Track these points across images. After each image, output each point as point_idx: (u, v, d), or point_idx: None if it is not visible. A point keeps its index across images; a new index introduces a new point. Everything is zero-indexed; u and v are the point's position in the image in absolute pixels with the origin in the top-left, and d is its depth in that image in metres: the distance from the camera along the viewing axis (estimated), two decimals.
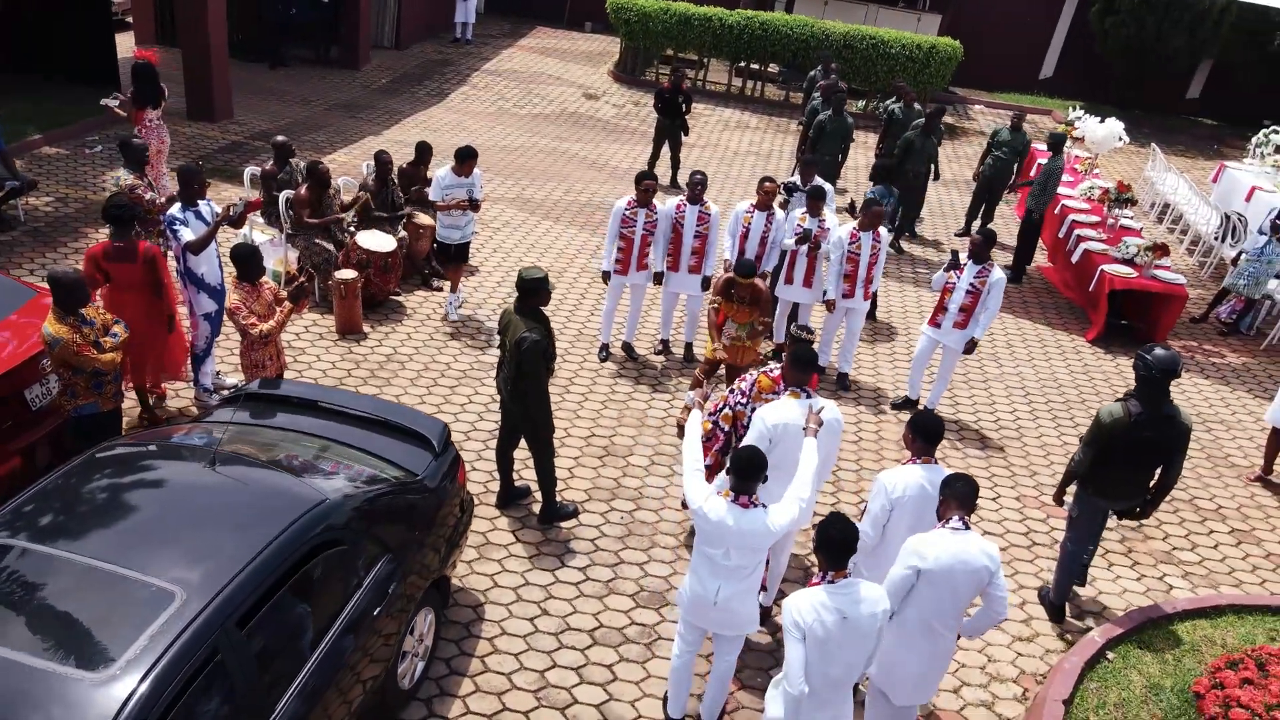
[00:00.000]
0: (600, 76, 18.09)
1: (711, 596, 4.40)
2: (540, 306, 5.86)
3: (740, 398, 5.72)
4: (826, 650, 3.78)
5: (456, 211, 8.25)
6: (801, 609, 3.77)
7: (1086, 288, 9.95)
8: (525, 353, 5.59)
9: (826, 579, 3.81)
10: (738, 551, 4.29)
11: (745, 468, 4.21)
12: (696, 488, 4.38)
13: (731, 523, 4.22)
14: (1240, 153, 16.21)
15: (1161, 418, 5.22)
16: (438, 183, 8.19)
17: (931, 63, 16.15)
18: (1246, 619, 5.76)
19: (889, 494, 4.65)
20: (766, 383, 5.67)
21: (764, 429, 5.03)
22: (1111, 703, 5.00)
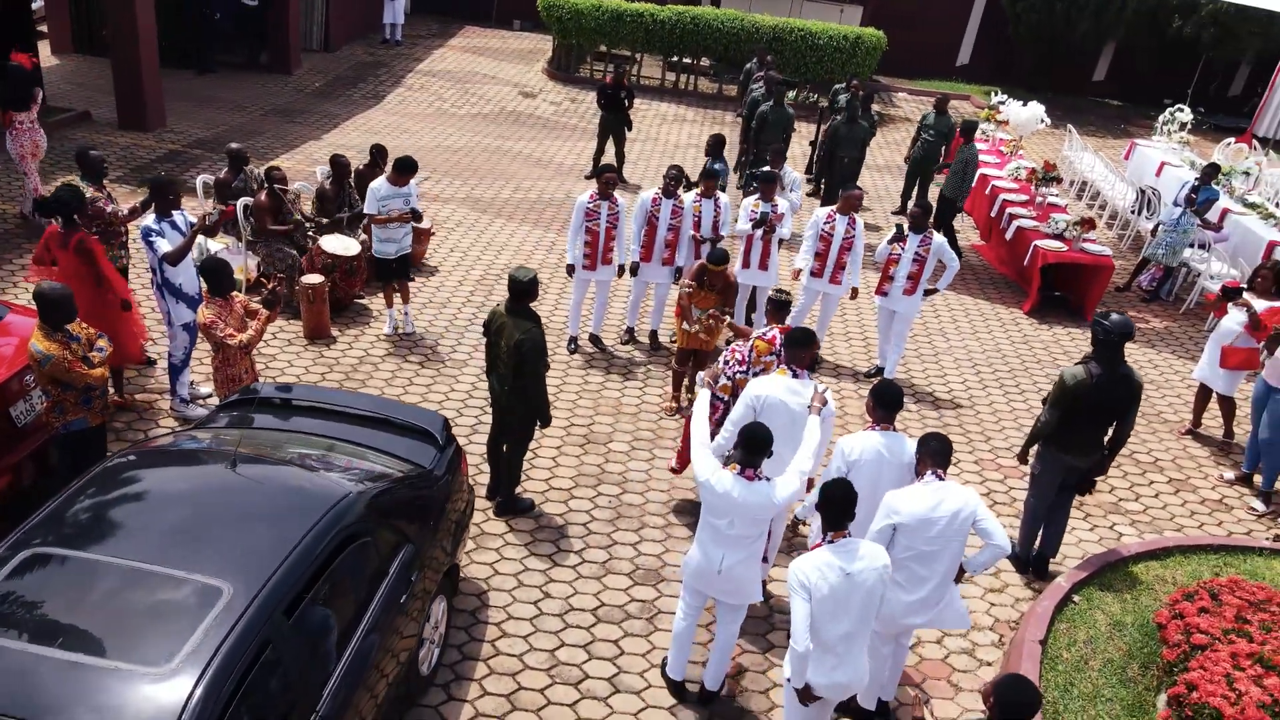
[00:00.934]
0: (534, 74, 18.18)
1: (716, 565, 4.64)
2: (531, 305, 6.03)
3: (739, 366, 5.99)
4: (833, 608, 4.04)
5: (393, 223, 7.93)
6: (806, 570, 4.04)
7: (1021, 263, 10.52)
8: (527, 353, 5.75)
9: (827, 539, 4.09)
10: (742, 522, 4.54)
11: (752, 443, 4.47)
12: (705, 462, 4.62)
13: (737, 495, 4.47)
14: (1145, 131, 17.18)
15: (1119, 377, 5.68)
16: (373, 194, 7.87)
17: (857, 53, 16.70)
18: (1192, 558, 6.27)
19: (845, 457, 4.92)
20: (763, 346, 5.95)
21: (750, 400, 5.31)
22: (1081, 640, 5.43)
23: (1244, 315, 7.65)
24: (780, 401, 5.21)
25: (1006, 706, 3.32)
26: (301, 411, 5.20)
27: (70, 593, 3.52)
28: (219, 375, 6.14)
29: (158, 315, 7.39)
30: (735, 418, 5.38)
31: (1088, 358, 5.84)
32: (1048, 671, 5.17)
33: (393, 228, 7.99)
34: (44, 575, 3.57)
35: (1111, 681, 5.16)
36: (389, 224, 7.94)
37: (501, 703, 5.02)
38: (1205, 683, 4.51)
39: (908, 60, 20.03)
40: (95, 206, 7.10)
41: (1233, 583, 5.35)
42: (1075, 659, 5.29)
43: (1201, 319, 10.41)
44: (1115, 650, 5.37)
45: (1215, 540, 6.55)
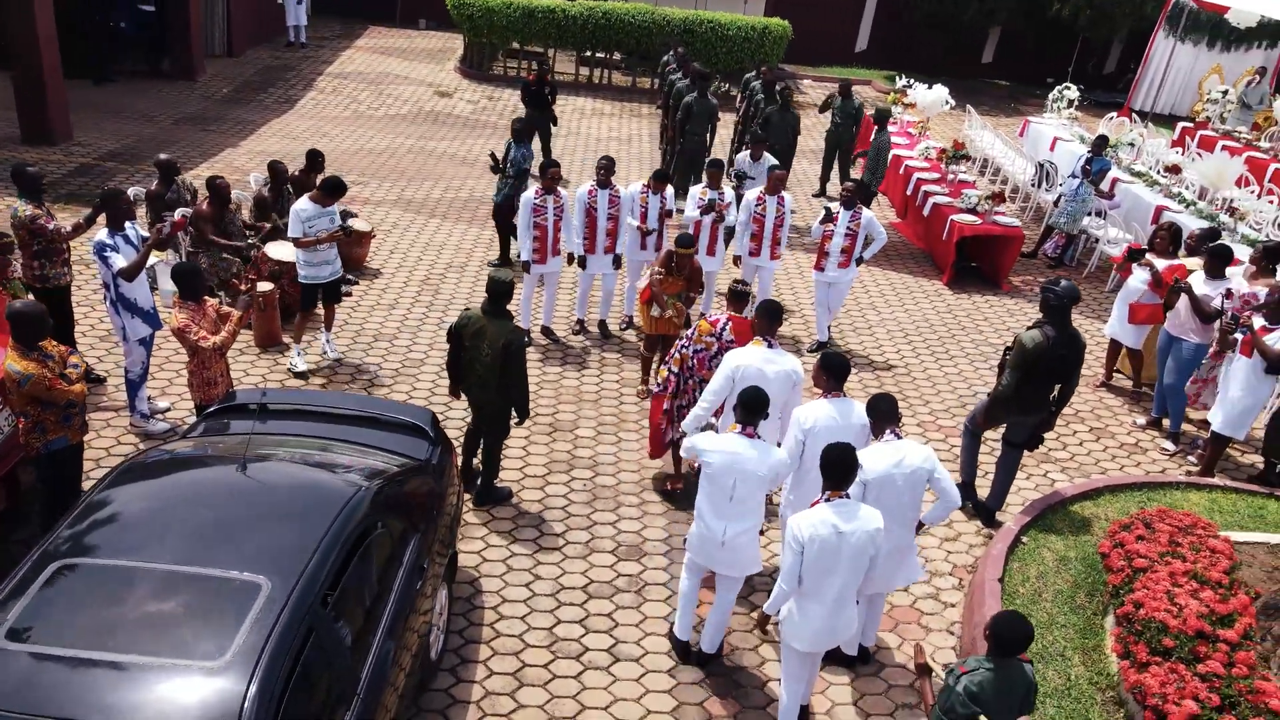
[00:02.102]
0: (447, 73, 18.12)
1: (719, 536, 4.92)
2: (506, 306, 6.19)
3: (685, 343, 6.38)
4: (826, 561, 4.36)
5: (322, 245, 7.60)
6: (802, 525, 4.36)
7: (938, 237, 11.15)
8: (515, 352, 5.94)
9: (825, 498, 4.43)
10: (744, 483, 4.84)
11: (751, 403, 4.81)
12: (703, 438, 4.94)
13: (742, 450, 4.79)
14: (1034, 109, 18.26)
15: (1069, 338, 6.20)
16: (297, 216, 7.48)
17: (765, 42, 17.23)
18: (1119, 496, 6.89)
19: (802, 426, 5.25)
20: (705, 326, 6.33)
21: (729, 370, 5.64)
22: (1033, 576, 5.95)
23: (1147, 274, 8.37)
24: (758, 370, 5.54)
25: (1003, 640, 3.71)
26: (292, 415, 5.27)
27: (111, 599, 3.58)
28: (195, 380, 6.13)
29: (109, 330, 7.26)
30: (714, 388, 5.71)
31: (1040, 322, 6.33)
32: (1007, 605, 5.65)
33: (322, 249, 7.62)
34: (81, 584, 3.63)
35: (1064, 610, 5.68)
36: (317, 246, 7.55)
37: (509, 680, 5.22)
38: (1150, 600, 5.05)
39: (808, 48, 20.71)
40: (36, 224, 6.93)
41: (1161, 513, 5.95)
42: (1030, 593, 5.79)
43: (1103, 281, 11.24)
44: (1064, 582, 5.90)
45: (1137, 479, 7.19)
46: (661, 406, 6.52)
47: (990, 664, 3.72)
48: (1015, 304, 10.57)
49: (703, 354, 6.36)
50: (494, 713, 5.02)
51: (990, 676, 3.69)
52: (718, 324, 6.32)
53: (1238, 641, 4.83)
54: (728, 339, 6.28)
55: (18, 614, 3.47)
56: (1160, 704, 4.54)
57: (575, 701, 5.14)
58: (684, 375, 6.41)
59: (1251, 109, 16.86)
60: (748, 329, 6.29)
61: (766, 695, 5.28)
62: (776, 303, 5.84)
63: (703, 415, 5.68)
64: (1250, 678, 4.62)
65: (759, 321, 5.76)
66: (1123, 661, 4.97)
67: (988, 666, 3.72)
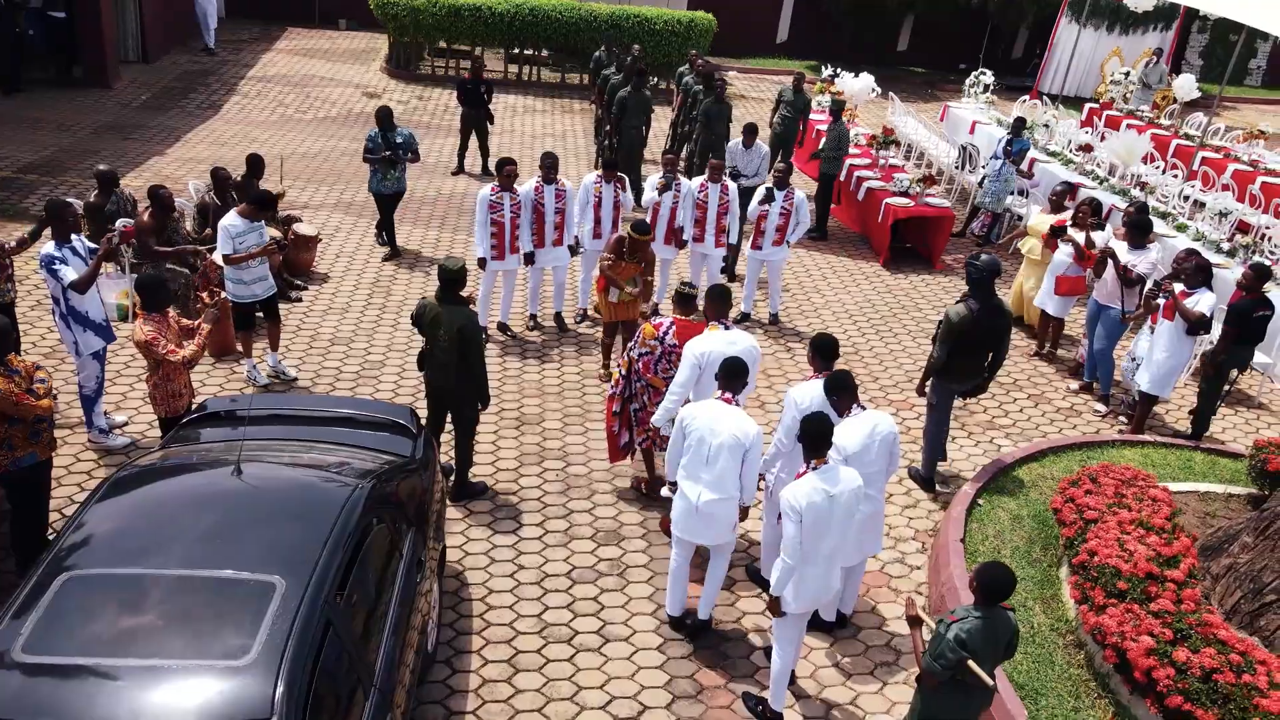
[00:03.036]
0: (373, 74, 17.90)
1: (694, 502, 5.13)
2: (460, 293, 6.29)
3: (632, 345, 6.54)
4: (819, 527, 4.62)
5: (254, 262, 7.36)
6: (798, 495, 4.60)
7: (874, 220, 11.55)
8: (470, 336, 6.02)
9: (811, 466, 4.67)
10: (721, 448, 5.03)
11: (731, 372, 5.08)
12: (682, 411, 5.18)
13: (721, 412, 5.05)
14: (950, 94, 18.94)
15: (993, 309, 6.56)
16: (226, 232, 7.21)
17: (691, 35, 17.48)
18: (1061, 457, 7.31)
19: (798, 406, 5.50)
20: (649, 330, 6.48)
21: (694, 359, 5.81)
22: (991, 534, 6.30)
23: (1071, 248, 8.87)
24: (721, 353, 5.73)
25: (989, 589, 3.99)
26: (275, 419, 5.27)
27: (126, 606, 3.59)
28: (158, 393, 6.05)
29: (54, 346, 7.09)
30: (681, 379, 5.88)
31: (965, 296, 6.70)
32: (970, 563, 5.98)
33: (254, 266, 7.38)
34: (93, 594, 3.62)
35: (1022, 564, 6.04)
36: (249, 262, 7.33)
37: (504, 668, 5.34)
38: (1102, 548, 5.43)
39: (731, 40, 21.03)
40: None
41: (1104, 468, 6.36)
42: (989, 550, 6.14)
43: None
44: (1019, 539, 6.28)
45: (1076, 440, 7.64)
46: (612, 409, 6.60)
47: (978, 613, 4.00)
48: (950, 281, 11.03)
49: (647, 357, 6.44)
50: (493, 699, 5.14)
51: (978, 624, 3.96)
52: (661, 327, 6.41)
53: (1183, 580, 5.24)
54: (671, 343, 6.38)
55: (33, 627, 3.46)
56: (1120, 641, 4.90)
57: (571, 683, 5.28)
58: (632, 378, 6.52)
59: (1151, 88, 17.82)
60: (692, 332, 6.45)
61: (753, 664, 5.51)
62: (723, 286, 6.08)
63: (673, 407, 5.85)
64: (1198, 612, 5.02)
65: (710, 305, 5.98)
66: (1081, 606, 5.33)
67: (976, 615, 3.99)
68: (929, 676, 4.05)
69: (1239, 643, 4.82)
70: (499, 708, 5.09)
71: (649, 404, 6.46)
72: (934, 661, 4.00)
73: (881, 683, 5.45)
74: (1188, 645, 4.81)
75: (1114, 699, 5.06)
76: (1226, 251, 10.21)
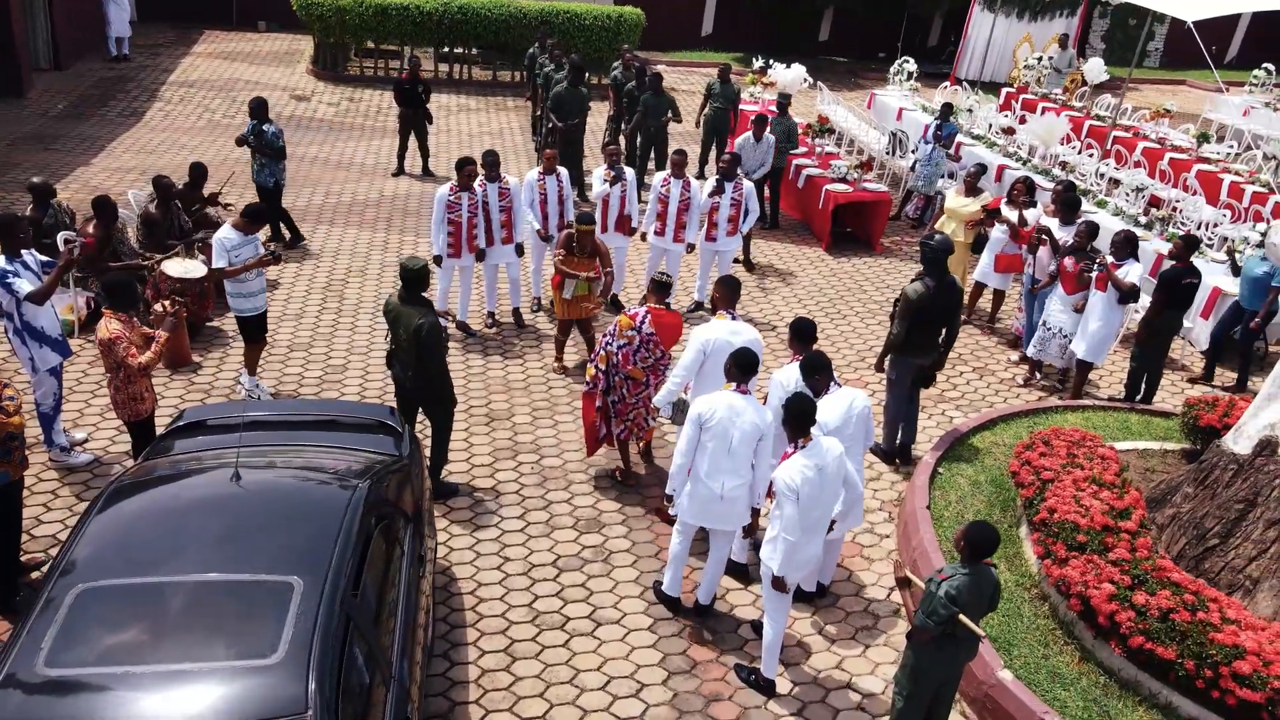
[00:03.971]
0: (300, 76, 17.58)
1: (719, 491, 5.28)
2: (423, 293, 6.30)
3: (609, 339, 6.66)
4: (809, 501, 4.83)
5: (251, 274, 7.29)
6: (791, 474, 4.79)
7: (814, 207, 11.88)
8: (426, 336, 6.04)
9: (799, 446, 4.87)
10: (741, 438, 5.20)
11: (744, 363, 5.24)
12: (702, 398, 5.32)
13: (739, 404, 5.19)
14: (873, 82, 19.48)
15: (947, 286, 6.89)
16: (221, 245, 7.17)
17: (621, 30, 17.62)
18: (1011, 424, 7.70)
19: (784, 388, 5.70)
20: (625, 321, 6.62)
21: (699, 345, 5.99)
22: (953, 500, 6.63)
23: (1006, 226, 9.31)
24: (725, 342, 5.92)
25: (976, 547, 4.25)
26: (263, 425, 5.26)
27: (146, 614, 3.60)
28: (119, 396, 6.03)
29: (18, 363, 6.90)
30: (685, 362, 6.06)
31: (920, 274, 7.01)
32: (937, 529, 6.30)
33: (251, 278, 7.33)
34: (110, 605, 3.62)
35: None
36: (247, 274, 7.27)
37: (501, 657, 5.44)
38: (1061, 505, 5.79)
39: (657, 34, 21.22)
40: None
41: (1054, 432, 6.75)
42: (953, 516, 6.47)
43: None
44: (979, 502, 6.62)
45: (1022, 408, 8.04)
46: (594, 405, 6.72)
47: (965, 569, 4.26)
48: (890, 263, 11.43)
49: (626, 349, 6.56)
50: (494, 688, 5.24)
51: (966, 580, 4.23)
52: (637, 317, 6.55)
53: (1136, 531, 5.63)
54: (647, 331, 6.53)
55: (52, 642, 3.45)
56: (1084, 590, 5.25)
57: (568, 667, 5.41)
58: (611, 372, 6.63)
59: (1061, 73, 18.63)
60: (666, 320, 6.63)
61: (740, 637, 5.72)
62: (733, 278, 6.25)
63: (675, 389, 6.03)
64: (1151, 558, 5.40)
65: (720, 295, 6.16)
66: (1045, 561, 5.68)
67: (963, 572, 4.26)
68: (922, 632, 4.31)
69: (1191, 584, 5.22)
70: (501, 695, 5.19)
71: (627, 396, 6.60)
72: (927, 618, 4.25)
73: (864, 646, 5.72)
74: (1145, 589, 5.18)
75: (1079, 644, 5.41)
76: (1144, 225, 10.81)
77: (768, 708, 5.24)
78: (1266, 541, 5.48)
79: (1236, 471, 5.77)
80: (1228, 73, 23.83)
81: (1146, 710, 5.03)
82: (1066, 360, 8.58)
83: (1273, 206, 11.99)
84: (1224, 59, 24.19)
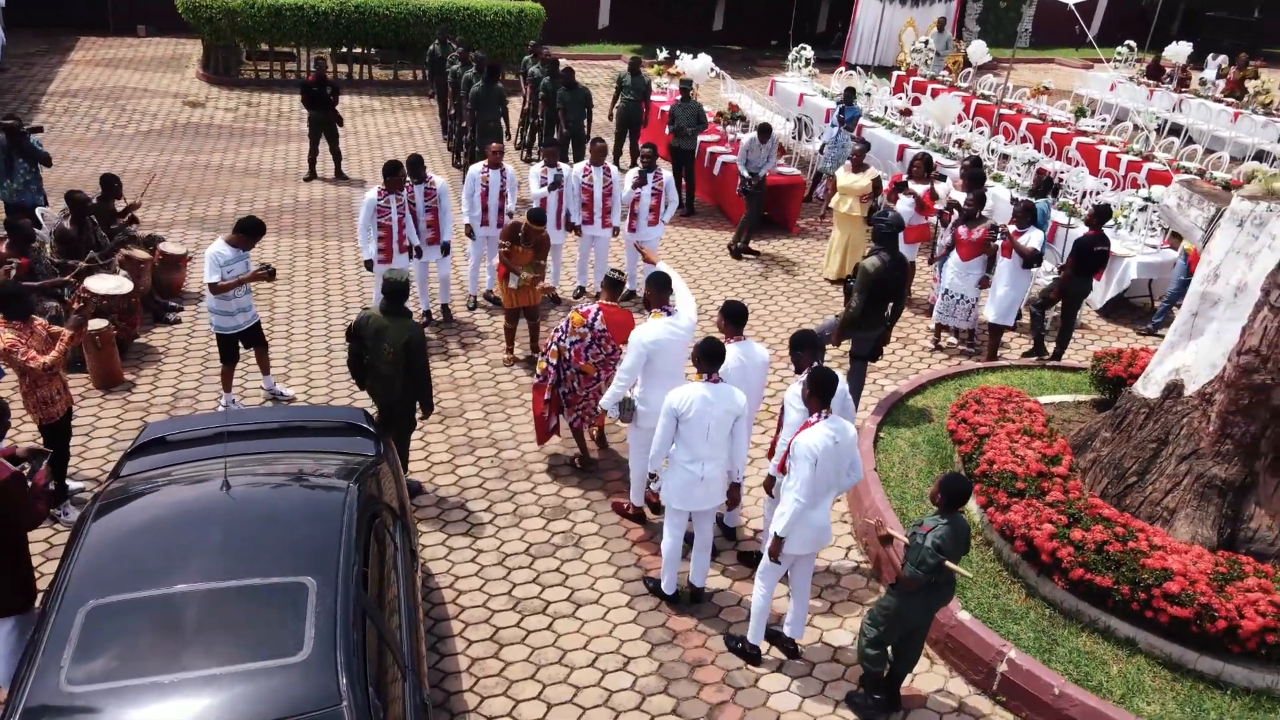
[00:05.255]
0: (190, 81, 16.97)
1: (699, 474, 5.49)
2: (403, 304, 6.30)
3: (560, 335, 6.80)
4: (823, 469, 5.04)
5: (239, 290, 7.16)
6: (813, 442, 4.96)
7: (730, 193, 12.23)
8: (417, 347, 6.09)
9: (823, 415, 5.10)
10: (716, 425, 5.41)
11: (709, 354, 5.41)
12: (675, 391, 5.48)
13: (711, 395, 5.38)
14: (768, 70, 20.05)
15: (898, 261, 7.29)
16: (215, 260, 7.01)
17: (522, 25, 17.64)
18: (939, 387, 8.19)
19: (726, 366, 6.03)
20: (577, 318, 6.77)
21: (640, 347, 6.10)
22: (897, 461, 7.06)
23: (912, 200, 9.85)
24: (665, 339, 6.10)
25: (953, 496, 4.59)
26: (235, 435, 5.21)
27: (162, 626, 3.60)
28: (30, 400, 6.01)
29: None
30: (628, 366, 6.14)
31: (875, 250, 7.38)
32: (886, 488, 6.71)
33: (237, 296, 7.16)
34: (122, 620, 3.61)
35: (927, 482, 6.80)
36: (233, 292, 7.11)
37: (489, 645, 5.56)
38: (998, 456, 6.25)
39: (556, 27, 21.30)
40: None
41: (983, 391, 7.25)
42: (898, 475, 6.89)
43: None
44: (920, 461, 7.07)
45: (946, 372, 8.56)
46: (542, 397, 6.87)
47: (945, 519, 4.61)
48: (807, 243, 11.89)
49: (578, 345, 6.72)
50: (486, 675, 5.36)
51: (947, 529, 4.57)
52: (589, 314, 6.70)
53: (1066, 475, 6.14)
54: (600, 328, 6.70)
55: (71, 660, 3.43)
56: (1027, 532, 5.72)
57: (555, 648, 5.58)
58: (562, 366, 6.79)
59: (940, 55, 19.58)
60: (618, 318, 6.81)
61: (715, 605, 5.99)
62: (663, 274, 6.37)
63: (619, 392, 6.17)
64: (1083, 498, 5.92)
65: (651, 293, 6.25)
66: (988, 509, 6.13)
67: (943, 522, 4.60)
68: (912, 581, 4.63)
69: (1119, 518, 5.74)
70: (494, 681, 5.32)
71: (578, 389, 6.77)
72: (916, 569, 4.58)
73: (829, 604, 6.06)
74: (1081, 526, 5.67)
75: (1024, 583, 5.88)
76: (1037, 196, 11.55)
77: (749, 668, 5.52)
78: (1179, 475, 6.06)
79: (1148, 414, 6.34)
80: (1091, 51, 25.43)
81: (1089, 635, 5.53)
82: (971, 323, 9.19)
83: (1147, 173, 12.98)
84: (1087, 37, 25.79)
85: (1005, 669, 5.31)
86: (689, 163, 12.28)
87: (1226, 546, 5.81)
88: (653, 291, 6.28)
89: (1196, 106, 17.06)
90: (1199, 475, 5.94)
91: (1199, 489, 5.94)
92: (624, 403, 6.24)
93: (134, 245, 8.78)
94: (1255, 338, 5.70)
